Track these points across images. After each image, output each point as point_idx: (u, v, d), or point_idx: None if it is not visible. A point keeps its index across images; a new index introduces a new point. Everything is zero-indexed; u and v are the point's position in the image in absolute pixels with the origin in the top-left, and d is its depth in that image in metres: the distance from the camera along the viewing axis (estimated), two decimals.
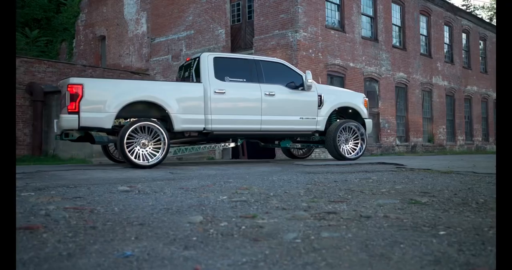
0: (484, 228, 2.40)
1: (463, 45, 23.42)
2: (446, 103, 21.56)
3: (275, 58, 8.70)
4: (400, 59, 18.59)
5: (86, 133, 6.84)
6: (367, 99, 9.19)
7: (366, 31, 17.20)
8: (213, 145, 8.08)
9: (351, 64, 16.14)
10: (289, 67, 8.27)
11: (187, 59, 8.28)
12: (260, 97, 7.76)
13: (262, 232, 2.29)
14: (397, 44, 18.78)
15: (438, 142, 20.69)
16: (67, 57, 21.95)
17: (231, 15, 16.26)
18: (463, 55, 23.30)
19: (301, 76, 8.20)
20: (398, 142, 18.38)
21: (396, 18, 18.69)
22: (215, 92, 7.43)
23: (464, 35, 23.58)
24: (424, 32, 20.47)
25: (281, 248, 1.98)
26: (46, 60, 15.71)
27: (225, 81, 7.58)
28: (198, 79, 7.60)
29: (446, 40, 22.03)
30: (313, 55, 14.52)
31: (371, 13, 17.41)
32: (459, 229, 2.38)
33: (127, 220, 2.60)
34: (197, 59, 7.70)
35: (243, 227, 2.41)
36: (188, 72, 8.00)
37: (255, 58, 8.14)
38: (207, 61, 7.53)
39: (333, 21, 15.76)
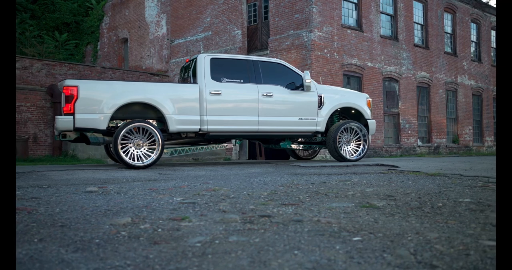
0: (407, 234, 2.30)
1: (492, 42, 22.60)
2: (472, 103, 20.87)
3: (275, 59, 8.62)
4: (422, 58, 18.12)
5: (82, 134, 6.97)
6: (370, 99, 8.98)
7: (385, 30, 16.85)
8: (211, 146, 8.07)
9: (369, 64, 15.85)
10: (289, 68, 8.16)
11: (187, 60, 8.32)
12: (257, 98, 7.70)
13: (172, 235, 2.26)
14: (419, 42, 18.31)
15: (463, 143, 20.06)
16: (92, 59, 22.48)
17: (247, 16, 16.26)
18: (492, 53, 22.49)
19: (301, 76, 8.08)
20: (420, 143, 17.93)
21: (418, 16, 18.22)
22: (211, 93, 7.42)
23: (493, 33, 22.76)
24: (449, 30, 19.87)
25: (172, 252, 1.94)
26: (67, 63, 16.14)
27: (221, 82, 7.55)
28: (195, 80, 7.62)
29: (473, 38, 21.33)
30: (328, 55, 14.34)
31: (391, 12, 17.05)
32: (380, 235, 2.28)
33: (55, 221, 2.62)
34: (195, 60, 7.72)
35: (159, 230, 2.38)
36: (187, 73, 8.04)
37: (253, 58, 8.08)
38: (203, 62, 7.54)
39: (350, 20, 15.52)
